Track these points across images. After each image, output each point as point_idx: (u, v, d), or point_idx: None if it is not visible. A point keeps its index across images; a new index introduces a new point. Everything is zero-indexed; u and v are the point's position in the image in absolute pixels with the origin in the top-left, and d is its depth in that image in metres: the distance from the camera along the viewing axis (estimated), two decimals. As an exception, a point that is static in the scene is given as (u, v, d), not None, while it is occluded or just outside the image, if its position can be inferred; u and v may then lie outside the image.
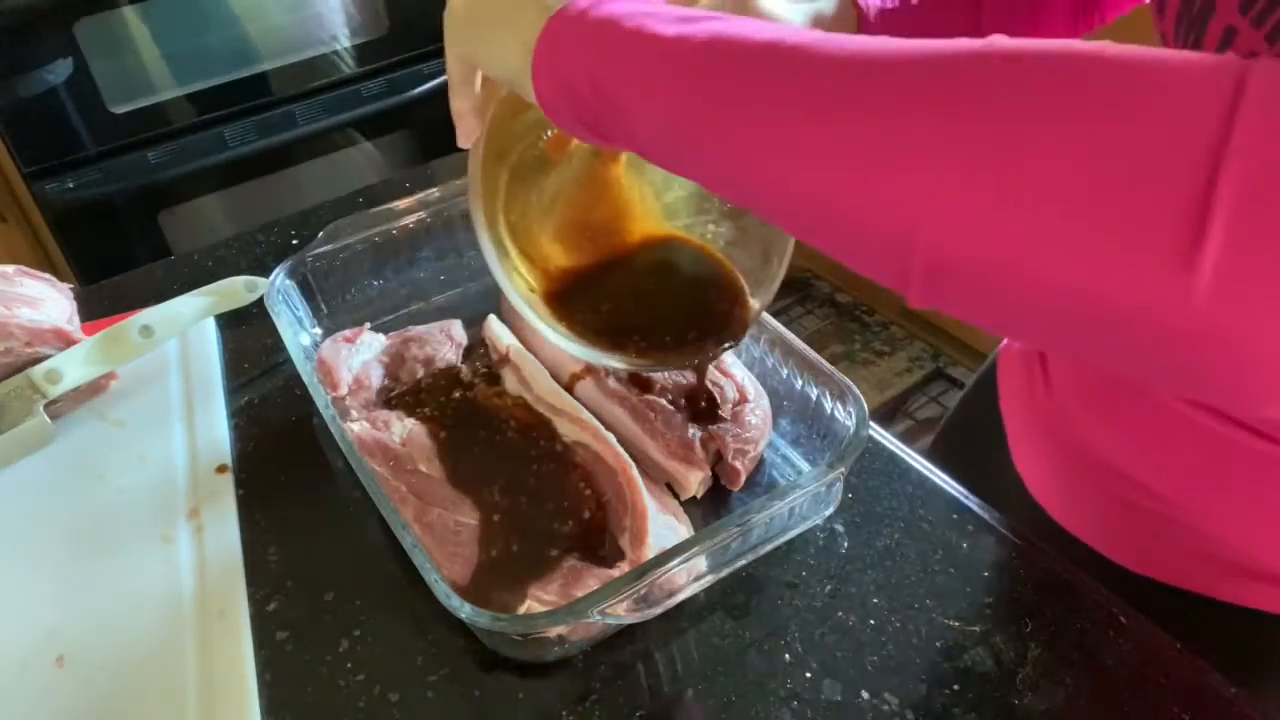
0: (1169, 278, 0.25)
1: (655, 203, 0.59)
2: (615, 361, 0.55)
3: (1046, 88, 0.28)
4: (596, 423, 0.60)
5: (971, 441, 0.74)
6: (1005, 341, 0.70)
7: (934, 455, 0.74)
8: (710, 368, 0.63)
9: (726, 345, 0.56)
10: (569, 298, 0.56)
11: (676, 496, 0.60)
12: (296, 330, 0.65)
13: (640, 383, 0.64)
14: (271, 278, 0.67)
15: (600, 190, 0.57)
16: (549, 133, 0.55)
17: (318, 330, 0.71)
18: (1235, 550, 0.53)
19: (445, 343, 0.69)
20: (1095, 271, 0.27)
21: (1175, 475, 0.54)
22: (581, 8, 0.40)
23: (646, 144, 0.40)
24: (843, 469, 0.53)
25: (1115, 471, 0.57)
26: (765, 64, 0.34)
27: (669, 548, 0.49)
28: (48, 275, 0.71)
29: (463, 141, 0.52)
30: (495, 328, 0.69)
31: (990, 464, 0.68)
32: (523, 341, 0.68)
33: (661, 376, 0.64)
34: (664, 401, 0.62)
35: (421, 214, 0.73)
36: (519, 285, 0.55)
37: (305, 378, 0.60)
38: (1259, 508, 0.51)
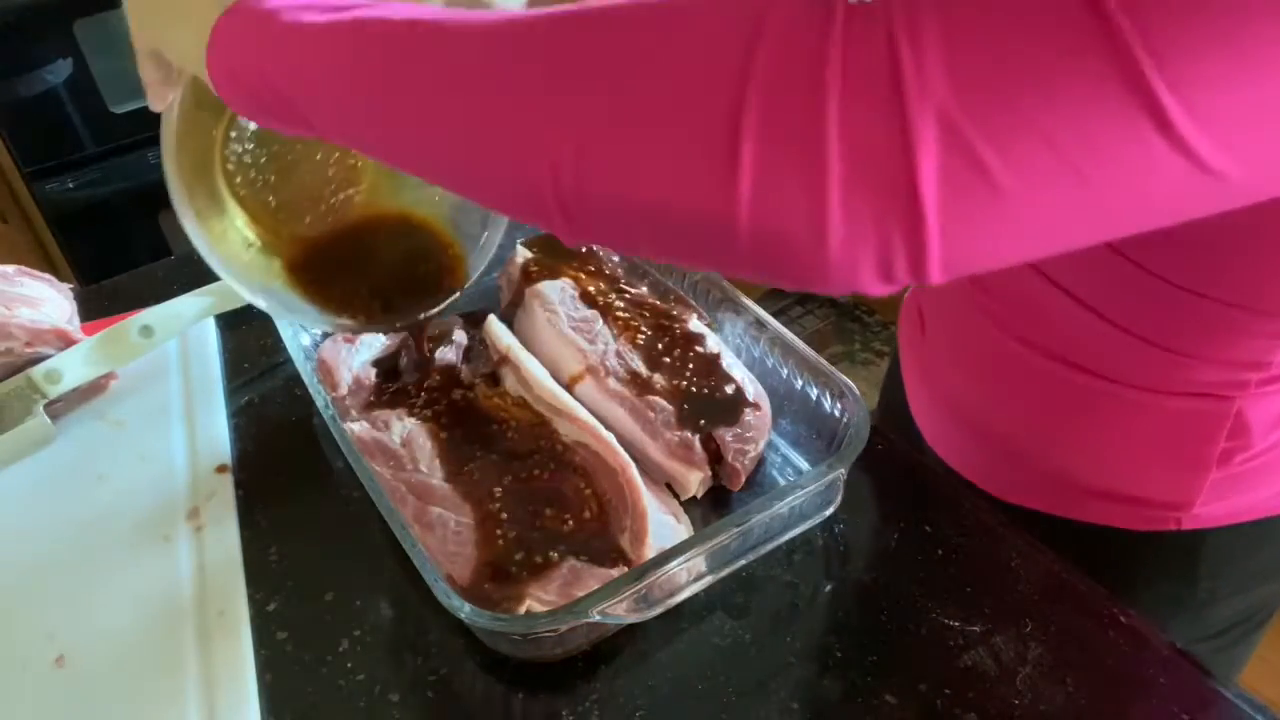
0: (719, 190, 0.30)
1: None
2: (340, 321, 0.59)
3: (612, 42, 0.32)
4: (596, 423, 0.60)
5: (889, 388, 0.79)
6: (906, 294, 0.74)
7: (879, 415, 0.81)
8: (707, 369, 0.64)
9: (434, 307, 0.60)
10: (304, 263, 0.59)
11: (676, 496, 0.60)
12: (296, 330, 0.65)
13: (640, 384, 0.64)
14: (271, 278, 0.67)
15: (326, 150, 0.59)
16: None
17: (318, 330, 0.71)
18: (1082, 476, 0.58)
19: (445, 343, 0.69)
20: (670, 191, 0.31)
21: (1016, 411, 0.60)
22: (246, 3, 0.41)
23: (321, 128, 0.41)
24: (843, 469, 0.53)
25: (972, 410, 0.63)
26: (404, 41, 0.37)
27: (669, 548, 0.49)
28: (48, 275, 0.71)
29: (155, 105, 0.52)
30: (495, 328, 0.69)
31: (900, 407, 0.73)
32: (523, 341, 0.68)
33: (662, 379, 0.64)
34: (664, 402, 0.62)
35: (421, 214, 0.73)
36: (234, 241, 0.56)
37: (305, 378, 0.60)
38: (1091, 436, 0.57)
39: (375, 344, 0.68)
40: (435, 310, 0.60)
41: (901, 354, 0.74)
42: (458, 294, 0.60)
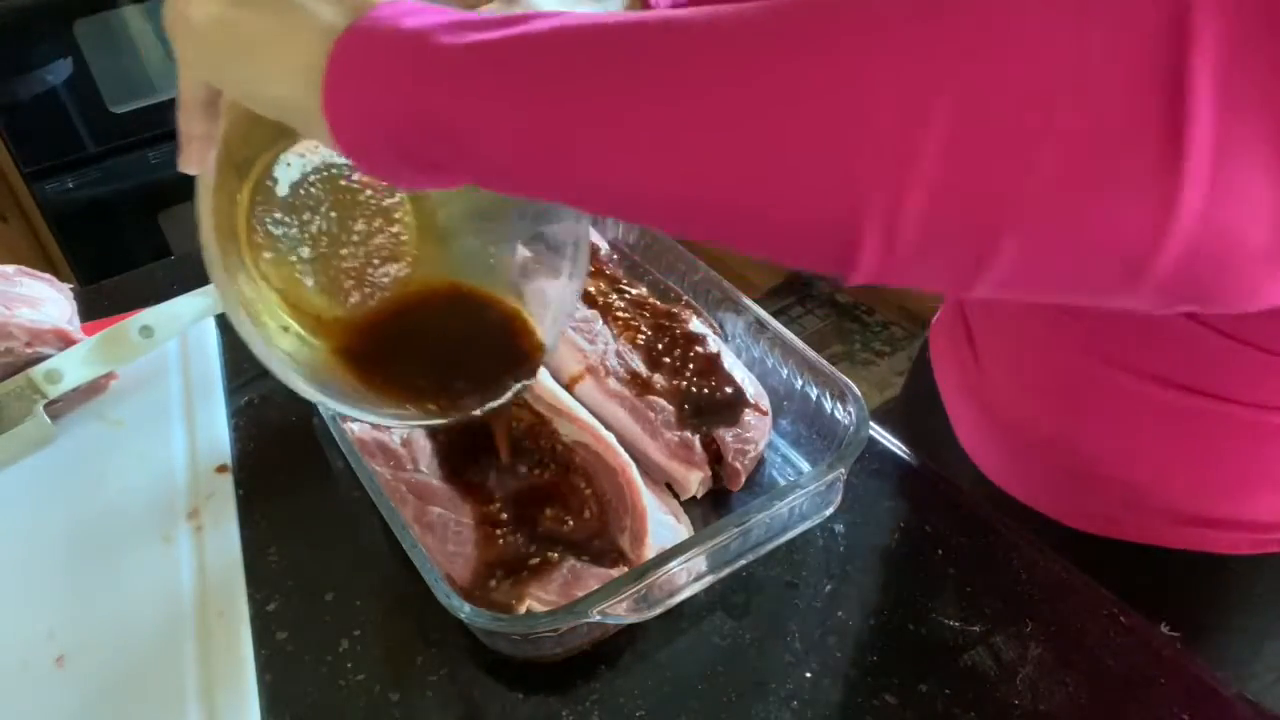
0: (1159, 192, 0.23)
1: (430, 222, 0.54)
2: (413, 420, 0.51)
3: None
4: (596, 423, 0.60)
5: (917, 411, 0.75)
6: (936, 316, 0.72)
7: (889, 424, 0.76)
8: (707, 369, 0.64)
9: (510, 389, 0.52)
10: (354, 353, 0.51)
11: (676, 496, 0.60)
12: (296, 330, 0.65)
13: (640, 384, 0.64)
14: (271, 278, 0.67)
15: (366, 216, 0.52)
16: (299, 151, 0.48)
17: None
18: (1157, 498, 0.54)
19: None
20: (1081, 189, 0.24)
21: (1102, 438, 0.55)
22: (378, 27, 0.33)
23: (496, 171, 0.34)
24: (843, 469, 0.53)
25: (1047, 440, 0.58)
26: (639, 37, 0.30)
27: (669, 548, 0.49)
28: (48, 275, 0.71)
29: (191, 165, 0.42)
30: (495, 328, 0.69)
31: (934, 433, 0.70)
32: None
33: (662, 379, 0.64)
34: (664, 402, 0.62)
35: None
36: (281, 344, 0.48)
37: (305, 378, 0.60)
38: (1172, 457, 0.53)
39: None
40: (511, 394, 0.52)
41: (941, 379, 0.69)
42: (535, 375, 0.53)
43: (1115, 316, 0.50)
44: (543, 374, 0.64)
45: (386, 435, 0.60)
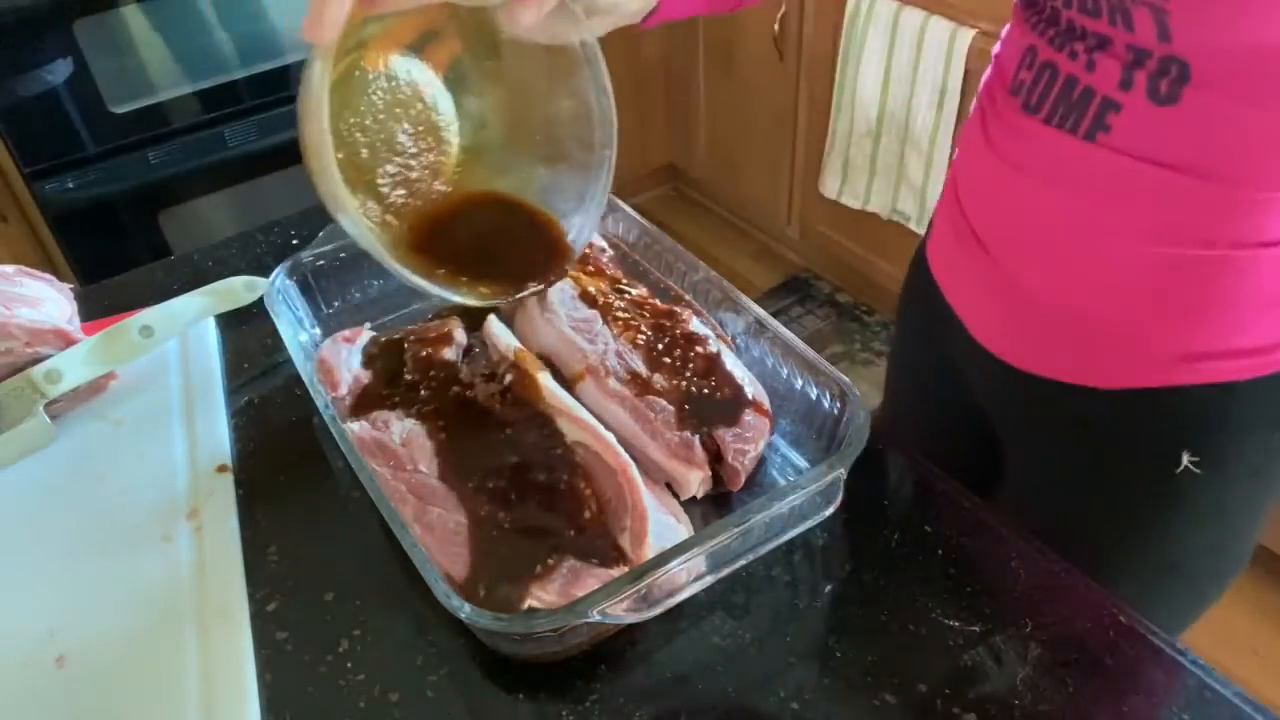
0: None
1: (475, 135, 0.62)
2: (464, 297, 0.57)
3: None
4: (596, 423, 0.60)
5: (924, 324, 0.79)
6: (931, 219, 0.76)
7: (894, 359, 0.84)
8: (707, 369, 0.64)
9: (544, 283, 0.61)
10: (414, 241, 0.58)
11: (676, 496, 0.60)
12: (296, 330, 0.65)
13: (640, 384, 0.64)
14: (271, 278, 0.67)
15: (415, 117, 0.58)
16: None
17: (318, 330, 0.71)
18: (1180, 343, 0.59)
19: (445, 343, 0.69)
20: None
21: (1098, 294, 0.59)
22: None
23: None
24: (843, 469, 0.53)
25: (1050, 302, 0.62)
26: None
27: (669, 548, 0.49)
28: (48, 275, 0.71)
29: (322, 31, 0.41)
30: (495, 328, 0.69)
31: (945, 334, 0.73)
32: (522, 341, 0.68)
33: (662, 379, 0.64)
34: (664, 402, 0.62)
35: (421, 214, 0.73)
36: (364, 223, 0.53)
37: (305, 378, 0.60)
38: (1200, 307, 0.57)
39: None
40: (543, 286, 0.61)
41: (943, 274, 0.73)
42: (569, 267, 0.61)
43: (1103, 182, 0.55)
44: (543, 374, 0.64)
45: (386, 435, 0.60)
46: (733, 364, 0.65)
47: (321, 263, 0.70)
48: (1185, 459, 0.61)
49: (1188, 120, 0.51)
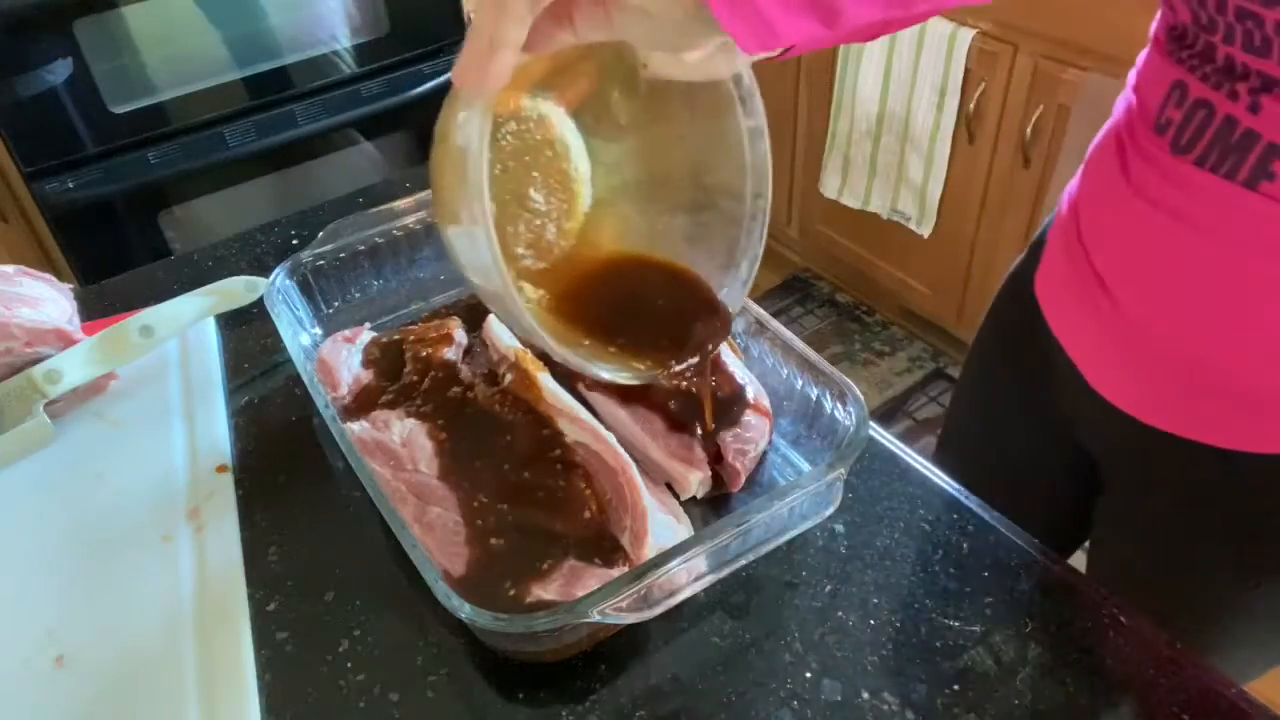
0: None
1: (606, 184, 0.54)
2: (613, 374, 0.51)
3: None
4: (596, 423, 0.60)
5: (1016, 343, 0.74)
6: (1050, 227, 0.70)
7: (968, 375, 0.80)
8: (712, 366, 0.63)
9: (702, 353, 0.53)
10: (559, 312, 0.51)
11: (676, 496, 0.60)
12: (296, 330, 0.65)
13: (636, 393, 0.63)
14: (271, 278, 0.67)
15: (545, 165, 0.50)
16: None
17: (318, 330, 0.71)
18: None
19: (445, 343, 0.69)
20: None
21: (1227, 339, 0.55)
22: None
23: None
24: (843, 469, 0.53)
25: (1188, 358, 0.57)
26: None
27: (669, 548, 0.49)
28: (48, 275, 0.71)
29: (486, 80, 0.36)
30: (495, 328, 0.69)
31: (1038, 356, 0.69)
32: (521, 341, 0.67)
33: (662, 379, 0.64)
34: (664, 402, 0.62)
35: (421, 214, 0.73)
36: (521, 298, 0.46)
37: (305, 378, 0.60)
38: None
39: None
40: (709, 351, 0.53)
41: (1055, 315, 0.67)
42: (728, 333, 0.54)
43: (1246, 224, 0.51)
44: (543, 374, 0.64)
45: (386, 435, 0.60)
46: (733, 364, 0.65)
47: (321, 263, 0.70)
48: None
49: None
